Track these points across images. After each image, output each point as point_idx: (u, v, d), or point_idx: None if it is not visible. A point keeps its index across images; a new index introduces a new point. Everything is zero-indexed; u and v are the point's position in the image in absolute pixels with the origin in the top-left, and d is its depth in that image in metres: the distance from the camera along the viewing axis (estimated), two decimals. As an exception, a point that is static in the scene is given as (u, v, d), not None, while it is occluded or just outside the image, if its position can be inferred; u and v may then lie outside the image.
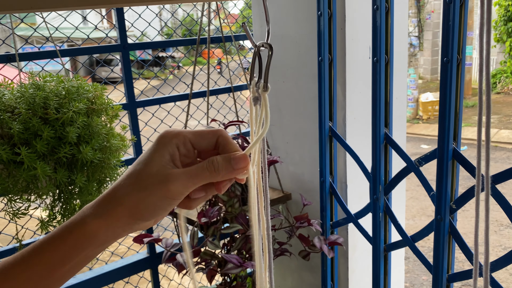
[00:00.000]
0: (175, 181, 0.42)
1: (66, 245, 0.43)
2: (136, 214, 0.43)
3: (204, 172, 0.43)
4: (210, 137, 0.45)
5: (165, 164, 0.42)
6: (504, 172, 0.90)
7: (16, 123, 0.92)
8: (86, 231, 0.43)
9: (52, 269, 0.43)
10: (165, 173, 0.42)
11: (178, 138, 0.44)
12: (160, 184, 0.42)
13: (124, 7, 1.47)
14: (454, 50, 0.93)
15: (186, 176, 0.42)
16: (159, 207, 0.42)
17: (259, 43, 0.47)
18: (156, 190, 0.42)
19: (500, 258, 0.94)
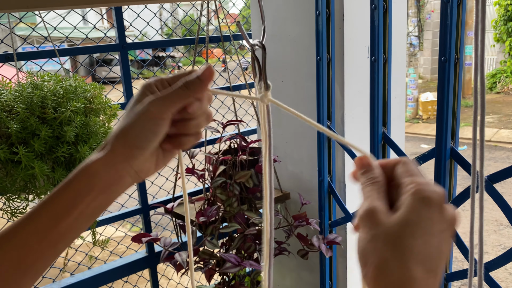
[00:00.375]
0: (153, 104, 0.46)
1: (70, 192, 0.44)
2: (128, 141, 0.46)
3: (177, 91, 0.46)
4: (181, 76, 0.48)
5: (146, 98, 0.47)
6: (502, 171, 0.90)
7: (14, 122, 0.92)
8: (88, 171, 0.45)
9: (57, 219, 0.44)
10: (145, 102, 0.46)
11: (156, 81, 0.48)
12: (141, 110, 0.46)
13: (123, 7, 1.47)
14: (452, 49, 0.93)
15: (163, 98, 0.46)
16: (146, 129, 0.46)
17: (254, 42, 0.47)
18: (139, 115, 0.46)
19: (499, 256, 0.94)
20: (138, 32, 1.81)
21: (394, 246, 0.36)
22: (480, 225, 0.45)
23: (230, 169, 1.33)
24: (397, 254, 0.35)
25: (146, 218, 1.55)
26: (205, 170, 1.39)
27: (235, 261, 1.20)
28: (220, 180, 1.31)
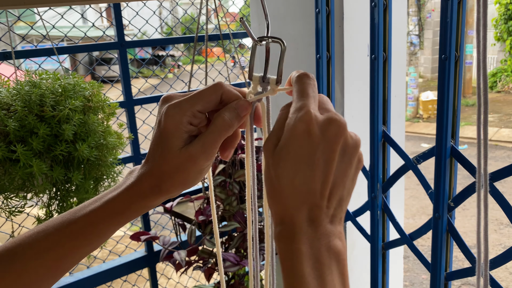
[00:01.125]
0: (202, 156, 0.43)
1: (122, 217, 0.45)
2: (187, 186, 0.45)
3: (220, 132, 0.44)
4: (214, 98, 0.45)
5: (185, 142, 0.43)
6: (503, 169, 0.89)
7: (12, 121, 0.92)
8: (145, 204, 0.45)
9: (103, 236, 0.45)
10: (190, 153, 0.43)
11: (187, 115, 0.43)
12: (192, 163, 0.43)
13: (122, 5, 1.47)
14: (452, 47, 0.92)
15: (208, 147, 0.43)
16: (200, 177, 0.45)
17: (260, 38, 0.47)
18: (192, 169, 0.44)
19: (499, 255, 0.93)
20: (138, 31, 1.80)
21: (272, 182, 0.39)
22: (485, 224, 0.44)
23: (229, 167, 1.32)
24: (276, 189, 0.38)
25: (145, 217, 1.54)
26: (205, 169, 1.38)
27: (234, 260, 1.20)
28: (219, 179, 1.30)
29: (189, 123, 0.43)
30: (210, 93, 0.44)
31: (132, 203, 0.44)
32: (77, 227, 0.44)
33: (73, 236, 0.43)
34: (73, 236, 0.43)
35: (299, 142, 0.38)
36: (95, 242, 0.45)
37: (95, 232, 0.44)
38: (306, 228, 0.37)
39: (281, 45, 0.45)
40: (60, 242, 0.43)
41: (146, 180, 0.44)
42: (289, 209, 0.38)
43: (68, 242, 0.43)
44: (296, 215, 0.37)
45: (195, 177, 0.45)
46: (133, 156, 1.47)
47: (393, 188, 1.16)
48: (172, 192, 0.45)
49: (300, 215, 0.37)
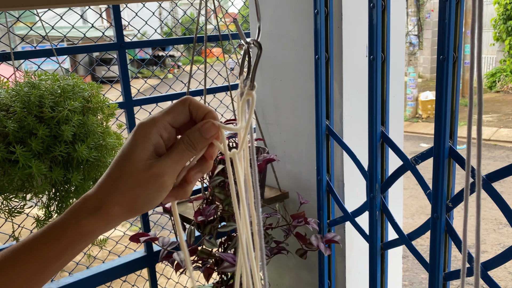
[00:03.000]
0: (165, 172, 0.43)
1: (61, 244, 0.43)
2: (134, 209, 0.44)
3: (185, 153, 0.44)
4: (183, 110, 0.45)
5: (149, 156, 0.43)
6: (500, 170, 0.90)
7: (11, 122, 0.92)
8: (82, 230, 0.43)
9: (45, 265, 0.43)
10: (153, 167, 0.43)
11: (158, 126, 0.44)
12: (152, 179, 0.43)
13: (121, 6, 1.47)
14: (450, 48, 0.93)
15: (173, 164, 0.44)
16: (155, 197, 0.44)
17: (249, 40, 0.47)
18: (151, 185, 0.43)
19: (497, 255, 0.94)
20: (137, 31, 1.81)
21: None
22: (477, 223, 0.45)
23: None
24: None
25: (144, 217, 1.55)
26: (204, 169, 1.38)
27: (233, 261, 1.20)
28: (218, 179, 1.31)
29: (159, 134, 0.44)
30: (178, 105, 0.45)
31: (69, 226, 0.43)
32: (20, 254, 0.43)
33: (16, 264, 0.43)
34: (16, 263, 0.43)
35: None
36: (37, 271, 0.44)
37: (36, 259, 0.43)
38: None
39: (257, 49, 0.45)
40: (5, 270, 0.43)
41: (90, 198, 0.43)
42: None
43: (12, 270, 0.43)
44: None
45: (152, 196, 0.43)
46: (133, 156, 1.47)
47: (392, 188, 1.16)
48: (116, 214, 0.43)
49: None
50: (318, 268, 1.41)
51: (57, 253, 0.43)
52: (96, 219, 0.43)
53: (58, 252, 0.43)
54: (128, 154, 0.43)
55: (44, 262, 0.43)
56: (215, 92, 1.67)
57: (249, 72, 0.46)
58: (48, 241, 0.43)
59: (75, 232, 0.43)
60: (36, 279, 0.44)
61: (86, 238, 0.44)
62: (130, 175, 0.43)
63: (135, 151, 0.43)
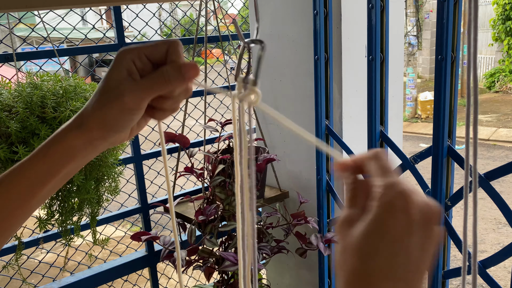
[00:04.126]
0: (129, 93, 0.44)
1: (47, 161, 0.45)
2: (105, 126, 0.45)
3: (156, 83, 0.44)
4: (162, 47, 0.46)
5: (122, 79, 0.44)
6: (499, 168, 0.91)
7: (14, 122, 0.93)
8: (65, 145, 0.45)
9: (33, 187, 0.45)
10: (121, 87, 0.44)
11: (133, 53, 0.45)
12: (116, 98, 0.44)
13: (122, 7, 1.48)
14: (449, 48, 0.94)
15: (140, 88, 0.44)
16: (121, 119, 0.45)
17: (248, 40, 0.48)
18: (113, 104, 0.44)
19: (496, 253, 0.95)
20: (138, 33, 1.81)
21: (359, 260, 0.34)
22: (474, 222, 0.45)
23: (229, 168, 1.33)
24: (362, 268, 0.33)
25: (145, 217, 1.55)
26: (204, 169, 1.39)
27: (234, 260, 1.21)
28: (219, 179, 1.31)
29: (132, 60, 0.45)
30: (159, 42, 0.46)
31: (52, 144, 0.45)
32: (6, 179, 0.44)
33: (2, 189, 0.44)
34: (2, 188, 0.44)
35: (395, 218, 0.33)
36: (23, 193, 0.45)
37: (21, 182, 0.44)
38: None
39: (261, 47, 0.45)
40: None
41: (73, 118, 0.46)
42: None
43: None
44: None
45: (116, 116, 0.44)
46: (134, 156, 1.48)
47: (391, 188, 1.17)
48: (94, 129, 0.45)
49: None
50: (318, 267, 1.42)
51: (44, 173, 0.45)
52: (78, 133, 0.45)
53: (45, 171, 0.45)
54: (107, 75, 0.45)
55: (32, 184, 0.45)
56: (215, 92, 1.68)
57: (249, 71, 0.47)
58: (35, 159, 0.45)
59: (59, 148, 0.45)
60: (26, 205, 0.45)
61: (69, 154, 0.45)
62: (103, 93, 0.45)
63: (112, 71, 0.45)
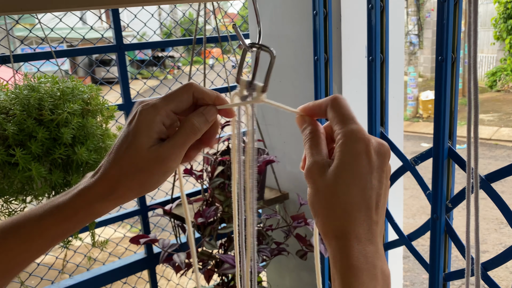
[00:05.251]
0: (170, 156, 0.44)
1: (71, 223, 0.45)
2: (142, 191, 0.46)
3: (188, 136, 0.45)
4: (186, 98, 0.46)
5: (154, 142, 0.44)
6: (500, 170, 0.90)
7: (11, 125, 0.92)
8: (93, 211, 0.45)
9: (52, 242, 0.45)
10: (158, 153, 0.44)
11: (161, 114, 0.44)
12: (158, 164, 0.44)
13: (120, 8, 1.47)
14: (449, 48, 0.93)
15: (177, 148, 0.45)
16: (161, 180, 0.46)
17: (251, 44, 0.47)
18: (156, 170, 0.44)
19: (498, 255, 0.94)
20: (137, 33, 1.81)
21: (333, 198, 0.40)
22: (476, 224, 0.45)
23: (228, 169, 1.32)
24: (338, 202, 0.40)
25: (144, 219, 1.55)
26: (203, 171, 1.39)
27: (233, 262, 1.20)
28: (218, 180, 1.31)
29: (162, 122, 0.45)
30: (181, 93, 0.46)
31: (80, 209, 0.44)
32: (26, 231, 0.44)
33: (20, 241, 0.44)
34: (21, 240, 0.44)
35: (359, 161, 0.40)
36: (43, 247, 0.45)
37: (43, 236, 0.44)
38: (367, 244, 0.39)
39: (270, 54, 0.45)
40: (8, 246, 0.43)
41: (100, 184, 0.44)
42: (351, 224, 0.39)
43: (16, 246, 0.44)
44: (358, 230, 0.39)
45: (158, 179, 0.45)
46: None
47: (392, 189, 1.16)
48: (126, 196, 0.45)
49: (362, 230, 0.39)
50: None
51: (65, 231, 0.45)
52: (108, 203, 0.45)
53: (66, 230, 0.45)
54: (132, 142, 0.44)
55: (52, 240, 0.45)
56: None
57: (254, 76, 0.47)
58: (58, 221, 0.44)
59: (86, 214, 0.45)
60: (41, 253, 0.46)
61: (96, 217, 0.46)
62: (137, 162, 0.44)
63: (140, 139, 0.44)
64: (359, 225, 0.39)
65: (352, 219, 0.39)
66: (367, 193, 0.40)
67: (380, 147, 0.42)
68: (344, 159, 0.40)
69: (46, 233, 0.44)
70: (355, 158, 0.40)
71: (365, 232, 0.39)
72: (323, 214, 0.41)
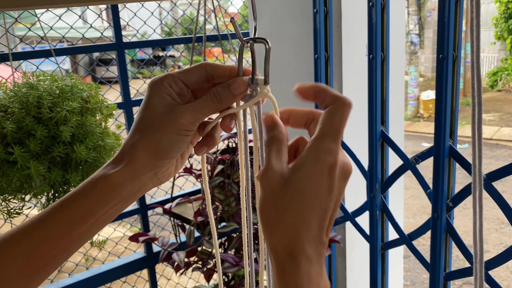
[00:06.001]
0: (184, 114, 0.44)
1: (89, 200, 0.43)
2: (159, 154, 0.44)
3: (208, 103, 0.45)
4: (197, 70, 0.46)
5: (168, 103, 0.44)
6: (501, 169, 0.89)
7: (9, 123, 0.92)
8: (110, 182, 0.43)
9: (72, 226, 0.42)
10: (173, 110, 0.44)
11: (168, 78, 0.45)
12: (171, 121, 0.43)
13: (120, 6, 1.47)
14: (450, 47, 0.92)
15: (193, 110, 0.44)
16: (176, 141, 0.44)
17: (248, 39, 0.47)
18: (170, 127, 0.43)
19: (499, 254, 0.93)
20: (136, 32, 1.80)
21: (286, 211, 0.38)
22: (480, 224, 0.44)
23: (228, 168, 1.32)
24: (289, 218, 0.38)
25: (144, 218, 1.54)
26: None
27: (233, 261, 1.20)
28: (218, 179, 1.30)
29: (169, 85, 0.44)
30: (195, 67, 0.46)
31: (98, 181, 0.43)
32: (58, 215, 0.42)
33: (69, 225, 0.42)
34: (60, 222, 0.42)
35: (321, 180, 0.38)
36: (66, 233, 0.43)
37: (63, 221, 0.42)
38: (314, 264, 0.38)
39: (265, 45, 0.44)
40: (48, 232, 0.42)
41: (117, 154, 0.44)
42: (300, 242, 0.38)
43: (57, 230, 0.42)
44: (307, 250, 0.37)
45: (172, 140, 0.44)
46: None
47: (392, 188, 1.15)
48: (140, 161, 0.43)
49: (310, 250, 0.38)
50: (318, 268, 1.41)
51: (85, 211, 0.43)
52: (124, 170, 0.43)
53: (85, 210, 0.43)
54: (147, 105, 0.44)
55: (71, 223, 0.42)
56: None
57: (254, 70, 0.46)
58: (76, 198, 0.43)
59: (104, 186, 0.43)
60: (62, 244, 0.43)
61: (115, 191, 0.43)
62: (151, 121, 0.44)
63: (153, 100, 0.44)
64: (308, 245, 0.37)
65: (302, 238, 0.37)
66: (320, 214, 0.38)
67: (345, 170, 0.40)
68: (306, 173, 0.38)
69: (66, 212, 0.42)
70: (318, 175, 0.38)
71: (313, 252, 0.37)
72: (271, 225, 0.39)
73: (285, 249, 0.38)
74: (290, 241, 0.38)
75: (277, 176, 0.39)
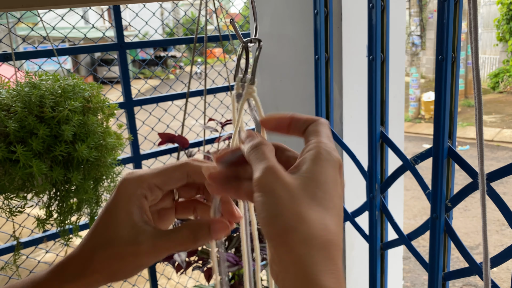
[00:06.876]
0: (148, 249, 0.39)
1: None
2: (114, 279, 0.41)
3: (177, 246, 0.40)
4: (178, 174, 0.41)
5: (133, 224, 0.39)
6: (500, 169, 0.89)
7: (12, 122, 0.93)
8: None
9: None
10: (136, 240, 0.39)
11: (142, 187, 0.40)
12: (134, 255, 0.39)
13: (122, 7, 1.48)
14: (449, 48, 0.93)
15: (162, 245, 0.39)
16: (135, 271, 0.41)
17: (247, 40, 0.47)
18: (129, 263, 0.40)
19: (497, 254, 0.93)
20: (138, 32, 1.81)
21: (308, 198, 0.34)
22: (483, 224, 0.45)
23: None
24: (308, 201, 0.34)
25: (145, 217, 1.55)
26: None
27: (233, 261, 1.20)
28: (218, 179, 1.31)
29: (144, 196, 0.40)
30: (173, 170, 0.41)
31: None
32: None
33: None
34: None
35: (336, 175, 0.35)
36: None
37: None
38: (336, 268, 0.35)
39: (257, 44, 0.45)
40: None
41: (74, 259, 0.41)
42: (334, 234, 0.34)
43: None
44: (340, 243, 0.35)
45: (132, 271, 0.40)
46: (133, 156, 1.48)
47: (392, 189, 1.16)
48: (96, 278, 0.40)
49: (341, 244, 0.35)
50: (318, 268, 1.41)
51: None
52: (78, 284, 0.41)
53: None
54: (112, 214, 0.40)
55: None
56: (215, 92, 1.68)
57: (247, 70, 0.47)
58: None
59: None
60: None
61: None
62: (111, 244, 0.39)
63: (120, 212, 0.39)
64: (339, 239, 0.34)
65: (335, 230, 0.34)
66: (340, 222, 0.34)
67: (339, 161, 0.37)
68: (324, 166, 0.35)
69: None
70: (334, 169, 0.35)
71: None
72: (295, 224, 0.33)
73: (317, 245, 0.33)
74: (322, 235, 0.33)
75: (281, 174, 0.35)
